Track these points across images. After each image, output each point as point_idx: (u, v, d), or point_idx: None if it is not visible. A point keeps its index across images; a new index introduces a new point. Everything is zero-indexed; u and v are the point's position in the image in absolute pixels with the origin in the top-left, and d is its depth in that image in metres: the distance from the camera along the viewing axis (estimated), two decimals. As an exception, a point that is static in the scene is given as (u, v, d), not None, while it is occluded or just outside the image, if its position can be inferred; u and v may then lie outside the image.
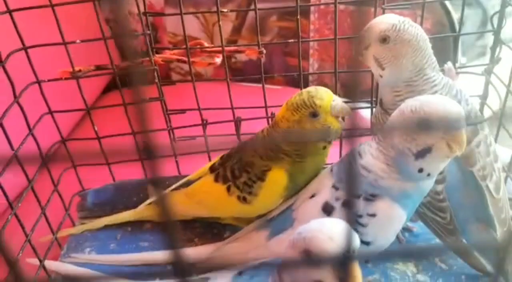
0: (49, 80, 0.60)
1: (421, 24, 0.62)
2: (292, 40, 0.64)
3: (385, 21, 0.52)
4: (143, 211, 0.65)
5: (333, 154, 0.61)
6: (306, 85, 1.26)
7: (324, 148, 0.56)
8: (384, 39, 0.52)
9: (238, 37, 1.11)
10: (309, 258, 0.38)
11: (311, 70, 1.08)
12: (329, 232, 0.38)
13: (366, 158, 0.50)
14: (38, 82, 0.59)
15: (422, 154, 0.46)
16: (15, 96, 0.55)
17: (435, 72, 0.54)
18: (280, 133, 0.55)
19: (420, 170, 0.47)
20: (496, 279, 0.23)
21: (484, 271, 0.55)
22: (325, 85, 1.25)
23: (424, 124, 0.45)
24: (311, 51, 1.07)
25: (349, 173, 0.26)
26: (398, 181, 0.48)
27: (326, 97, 0.53)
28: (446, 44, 0.94)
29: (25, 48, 0.57)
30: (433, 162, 0.46)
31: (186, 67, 1.13)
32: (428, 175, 0.47)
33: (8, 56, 0.54)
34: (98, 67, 0.60)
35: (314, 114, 0.53)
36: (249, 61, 1.13)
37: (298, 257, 0.39)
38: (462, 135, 0.45)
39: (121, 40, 0.20)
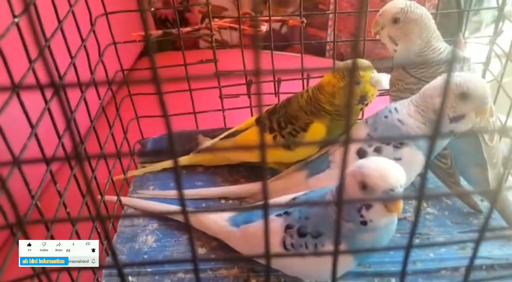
0: (124, 42, 0.70)
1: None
2: (329, 12, 0.75)
3: (395, 5, 0.64)
4: (195, 156, 0.77)
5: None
6: (323, 53, 1.36)
7: (361, 109, 0.68)
8: (395, 21, 0.63)
9: (264, 9, 1.20)
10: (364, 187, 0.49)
11: (328, 40, 1.18)
12: (382, 172, 0.49)
13: (403, 114, 0.60)
14: (114, 43, 0.70)
15: (456, 119, 0.57)
16: (99, 55, 0.66)
17: (440, 42, 0.65)
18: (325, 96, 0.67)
19: (451, 131, 0.58)
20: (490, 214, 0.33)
21: (476, 208, 0.68)
22: (340, 53, 1.35)
23: (464, 96, 0.56)
24: (329, 22, 1.18)
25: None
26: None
27: (368, 70, 0.64)
28: (451, 20, 1.05)
29: (106, 14, 0.67)
30: (462, 126, 0.58)
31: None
32: (454, 135, 0.59)
33: (95, 19, 0.65)
34: (165, 32, 0.70)
35: (357, 83, 0.64)
36: (272, 31, 1.23)
37: (356, 185, 0.50)
38: (488, 108, 0.56)
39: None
